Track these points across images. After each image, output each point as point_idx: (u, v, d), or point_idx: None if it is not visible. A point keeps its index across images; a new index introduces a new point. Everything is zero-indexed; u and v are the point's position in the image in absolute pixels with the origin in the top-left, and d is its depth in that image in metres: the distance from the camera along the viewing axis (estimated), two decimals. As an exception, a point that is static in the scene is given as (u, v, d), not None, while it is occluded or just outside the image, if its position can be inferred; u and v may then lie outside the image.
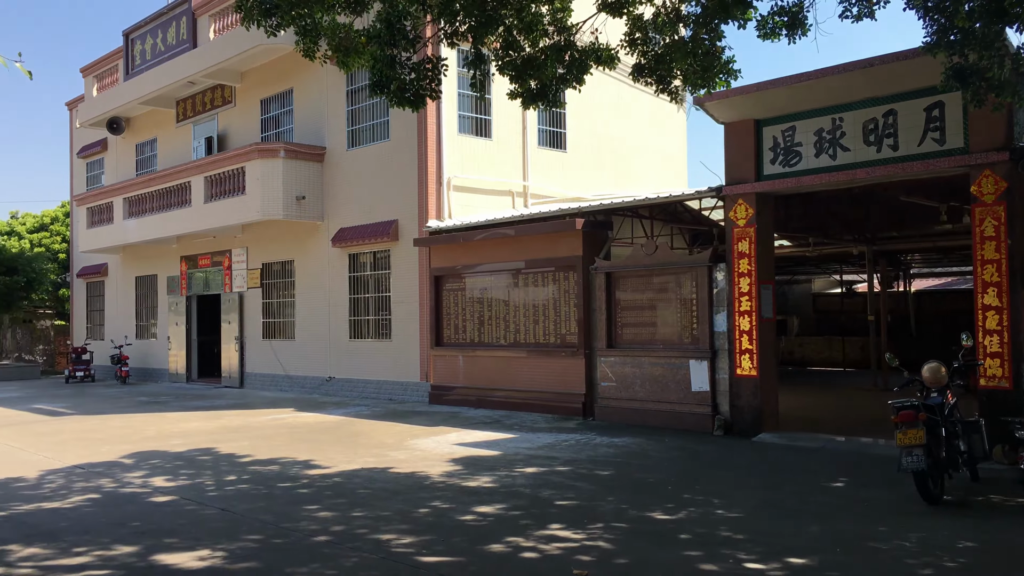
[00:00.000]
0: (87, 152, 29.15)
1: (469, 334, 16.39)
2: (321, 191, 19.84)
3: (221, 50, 20.78)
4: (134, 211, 23.94)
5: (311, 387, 20.05)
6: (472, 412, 15.52)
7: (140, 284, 26.79)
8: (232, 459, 11.09)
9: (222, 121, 23.13)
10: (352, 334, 19.15)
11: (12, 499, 8.82)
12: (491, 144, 18.38)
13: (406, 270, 17.79)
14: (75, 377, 26.11)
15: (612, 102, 20.94)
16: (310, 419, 15.17)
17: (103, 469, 10.55)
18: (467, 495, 8.54)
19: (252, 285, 22.04)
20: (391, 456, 11.00)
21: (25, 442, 13.04)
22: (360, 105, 19.09)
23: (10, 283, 28.61)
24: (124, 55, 25.01)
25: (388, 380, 18.14)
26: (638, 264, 13.58)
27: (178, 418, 15.82)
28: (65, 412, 17.40)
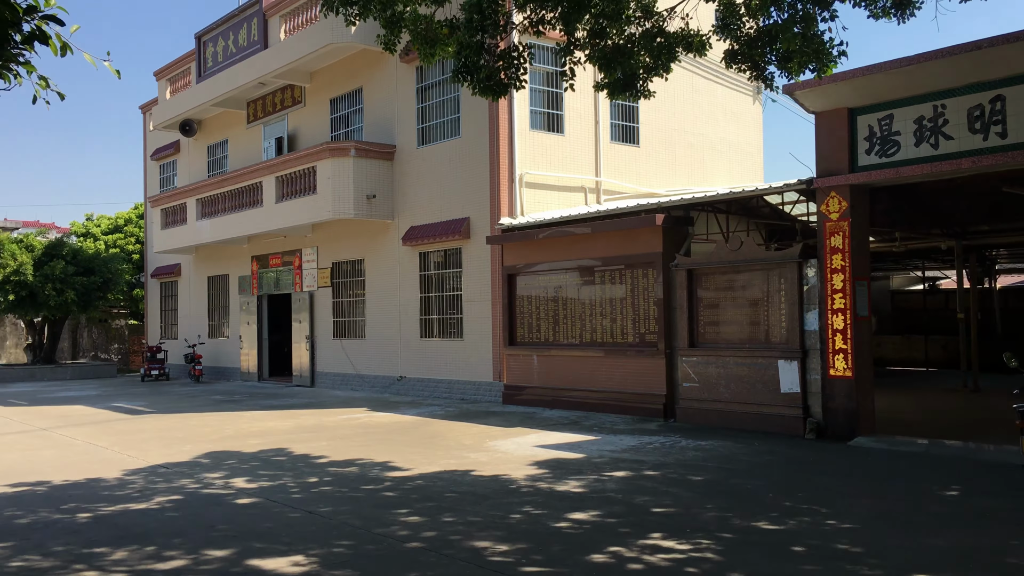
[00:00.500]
0: (160, 154, 29.65)
1: (543, 333, 16.08)
2: (391, 189, 19.74)
3: (292, 50, 20.83)
4: (207, 212, 24.21)
5: (382, 386, 19.98)
6: (548, 413, 15.20)
7: (212, 284, 27.13)
8: (310, 460, 10.96)
9: (292, 121, 23.23)
10: (423, 333, 19.00)
11: (98, 499, 8.79)
12: (563, 140, 18.03)
13: (478, 268, 17.56)
14: (151, 376, 26.56)
15: (686, 94, 20.41)
16: (384, 419, 15.03)
17: (184, 469, 10.51)
18: (557, 500, 8.22)
19: (322, 284, 22.08)
20: (472, 458, 10.75)
21: (107, 440, 13.14)
22: (430, 102, 18.92)
23: (88, 283, 29.22)
24: (196, 58, 25.32)
25: (460, 380, 17.94)
26: (722, 260, 13.10)
27: (254, 417, 15.84)
28: (143, 410, 17.60)
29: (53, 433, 14.23)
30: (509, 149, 17.08)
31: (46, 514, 8.11)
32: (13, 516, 8.03)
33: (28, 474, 10.32)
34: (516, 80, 8.45)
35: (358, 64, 20.56)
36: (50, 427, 15.02)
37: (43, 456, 11.74)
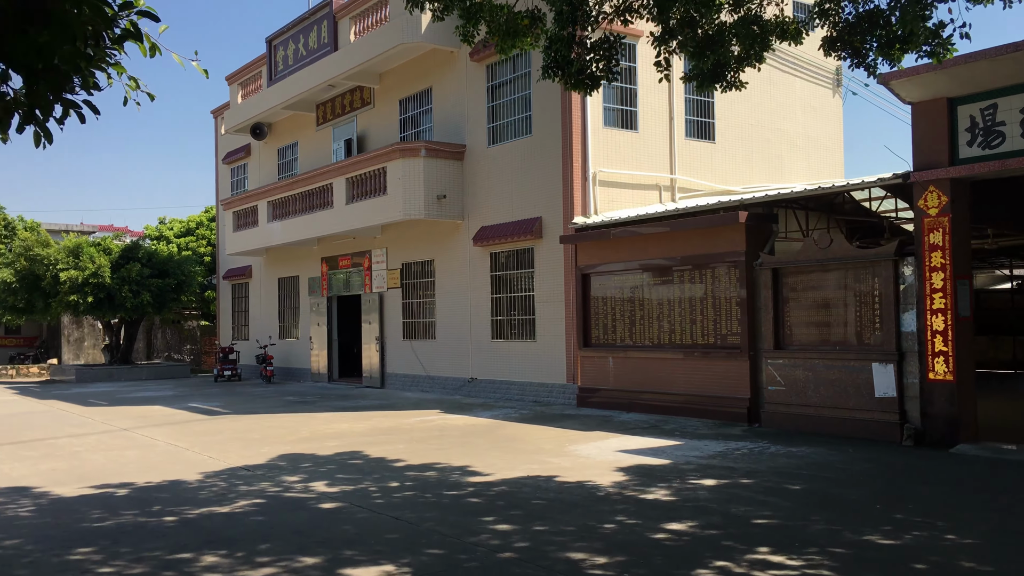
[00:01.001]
0: (231, 158, 30.07)
1: (619, 334, 15.72)
2: (461, 189, 19.59)
3: (361, 52, 20.85)
4: (278, 214, 24.42)
5: (452, 388, 19.83)
6: (625, 416, 14.84)
7: (283, 285, 27.39)
8: (388, 463, 10.81)
9: (361, 123, 23.27)
10: (494, 334, 18.79)
11: (182, 502, 8.75)
12: (637, 137, 17.64)
13: (550, 268, 17.28)
14: (223, 376, 26.92)
15: (763, 88, 19.81)
16: (458, 421, 14.85)
17: (263, 471, 10.45)
18: (650, 509, 7.89)
19: (392, 285, 22.05)
20: (553, 463, 10.47)
21: (187, 441, 13.21)
22: (501, 101, 18.71)
23: (162, 285, 29.81)
24: (267, 61, 25.58)
25: (532, 382, 17.68)
26: (810, 259, 12.57)
27: (328, 419, 15.81)
28: (219, 411, 17.75)
29: (134, 434, 14.39)
30: (582, 147, 16.77)
31: (133, 517, 8.09)
32: (102, 519, 8.02)
33: (113, 475, 10.38)
34: (609, 73, 8.14)
35: (427, 64, 20.46)
36: (131, 427, 15.21)
37: (127, 457, 11.83)
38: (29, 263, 28.80)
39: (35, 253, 28.79)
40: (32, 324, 39.58)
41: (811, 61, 20.45)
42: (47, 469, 10.98)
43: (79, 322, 37.95)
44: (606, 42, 8.07)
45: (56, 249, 29.18)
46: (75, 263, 28.43)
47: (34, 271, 28.73)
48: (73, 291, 28.13)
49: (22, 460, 11.75)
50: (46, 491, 9.48)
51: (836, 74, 21.36)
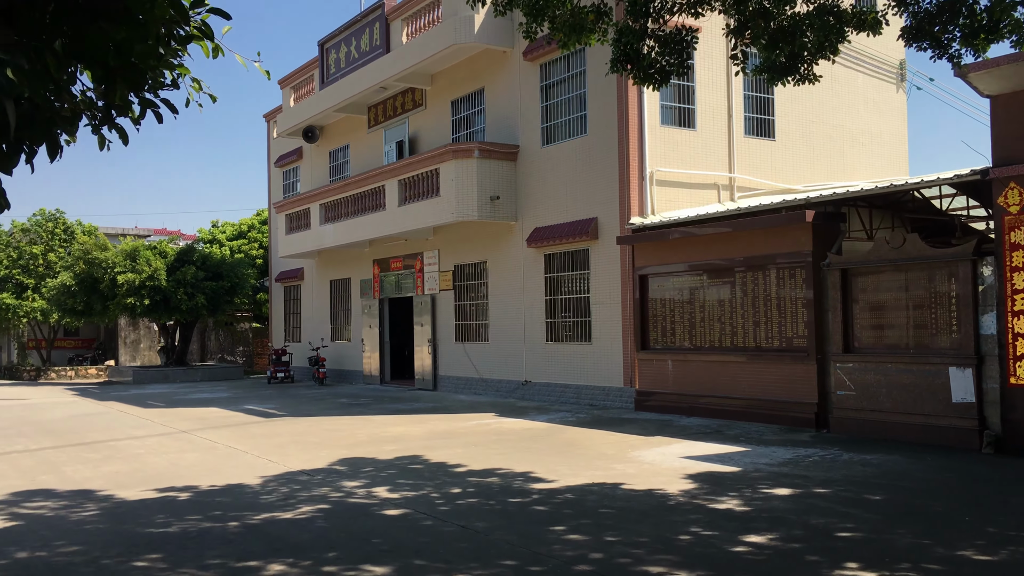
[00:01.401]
0: (283, 161, 30.29)
1: (679, 337, 15.38)
2: (515, 190, 19.41)
3: (413, 53, 20.78)
4: (330, 216, 24.49)
5: (506, 391, 19.64)
6: (685, 420, 14.50)
7: (334, 287, 27.48)
8: (449, 468, 10.64)
9: (413, 124, 23.23)
10: (549, 337, 18.56)
11: (244, 507, 8.67)
12: (695, 135, 17.28)
13: (607, 270, 17.00)
14: (276, 378, 27.09)
15: (824, 84, 19.19)
16: (515, 425, 14.64)
17: (324, 476, 10.35)
18: (725, 520, 7.59)
19: (444, 287, 21.95)
20: (618, 469, 10.20)
21: (246, 444, 13.20)
22: (555, 100, 18.48)
23: (216, 288, 30.14)
24: (319, 65, 25.69)
25: (588, 385, 17.41)
26: (881, 259, 12.12)
27: (383, 422, 15.72)
28: (275, 413, 17.79)
29: (193, 436, 14.45)
30: (639, 146, 16.46)
31: (196, 522, 8.02)
32: (166, 524, 7.96)
33: (175, 479, 10.36)
34: (680, 67, 7.87)
35: (480, 64, 20.32)
36: (190, 430, 15.28)
37: (187, 460, 11.84)
38: (88, 266, 29.33)
39: (93, 256, 29.32)
40: (90, 326, 40.39)
41: (874, 55, 19.87)
42: (110, 471, 11.02)
43: (135, 324, 38.59)
44: (677, 35, 7.80)
45: (113, 252, 29.68)
46: (132, 266, 28.88)
47: (92, 274, 29.25)
48: (130, 294, 28.57)
49: (85, 462, 11.83)
50: (109, 494, 9.49)
51: (900, 68, 20.73)
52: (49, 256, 36.22)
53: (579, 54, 17.59)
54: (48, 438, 14.66)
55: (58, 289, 30.26)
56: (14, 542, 7.40)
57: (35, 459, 12.27)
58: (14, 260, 35.99)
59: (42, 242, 36.63)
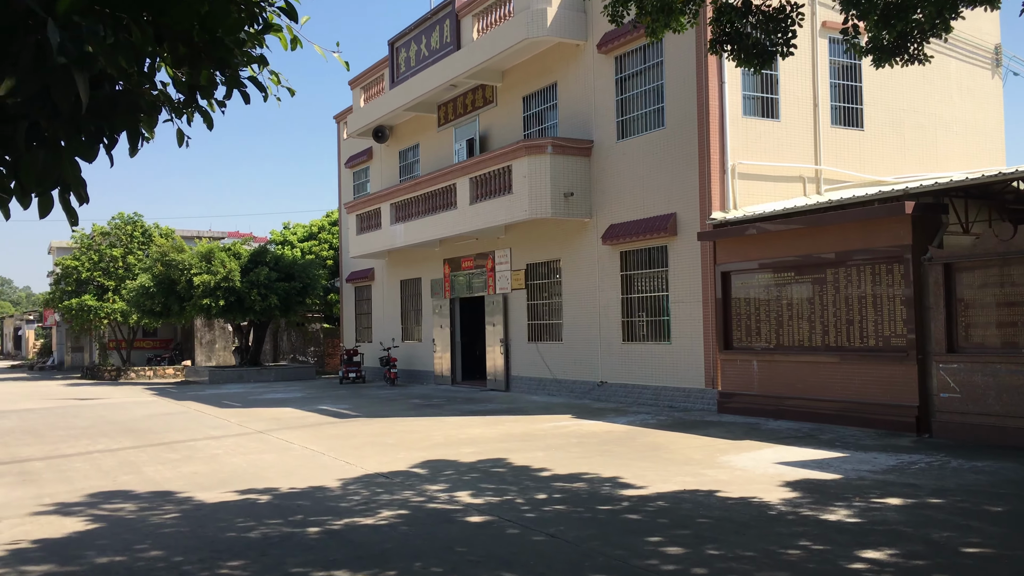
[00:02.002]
0: (354, 162, 30.37)
1: (764, 336, 14.73)
2: (589, 186, 18.95)
3: (484, 49, 20.50)
4: (400, 216, 24.38)
5: (581, 392, 19.20)
6: (773, 424, 13.86)
7: (405, 287, 27.40)
8: (531, 472, 10.26)
9: (483, 122, 22.95)
10: (625, 336, 18.06)
11: (324, 511, 8.44)
12: (778, 125, 16.58)
13: (686, 267, 16.42)
14: (348, 378, 27.12)
15: (915, 70, 18.30)
16: (595, 427, 14.20)
17: (403, 479, 10.08)
18: (834, 532, 7.03)
19: (516, 286, 21.61)
20: (709, 476, 9.69)
21: (323, 445, 13.05)
22: (631, 93, 17.97)
23: (289, 288, 30.37)
24: (389, 64, 25.63)
25: (667, 386, 16.85)
26: (988, 252, 11.34)
27: (458, 423, 15.44)
28: (349, 414, 17.67)
29: (270, 436, 14.37)
30: (720, 138, 15.85)
31: (277, 526, 7.80)
32: (246, 528, 7.76)
33: (254, 480, 10.22)
34: (786, 46, 7.35)
35: (552, 58, 19.93)
36: (266, 430, 15.24)
37: (265, 461, 11.72)
38: (165, 268, 29.85)
39: (171, 258, 29.83)
40: (167, 327, 41.27)
41: (968, 39, 18.84)
42: (189, 472, 10.95)
43: (210, 325, 39.26)
44: (782, 12, 7.28)
45: (190, 254, 30.16)
46: (207, 267, 29.28)
47: (170, 276, 29.76)
48: (206, 295, 28.96)
49: (165, 463, 11.80)
50: (189, 496, 9.37)
51: (995, 53, 19.64)
52: (128, 258, 37.07)
53: (656, 45, 17.06)
54: (129, 438, 14.77)
55: (137, 291, 30.88)
56: (95, 546, 7.28)
57: (116, 459, 12.31)
58: (95, 263, 36.92)
59: (121, 245, 37.50)
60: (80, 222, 3.87)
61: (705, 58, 15.77)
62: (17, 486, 10.30)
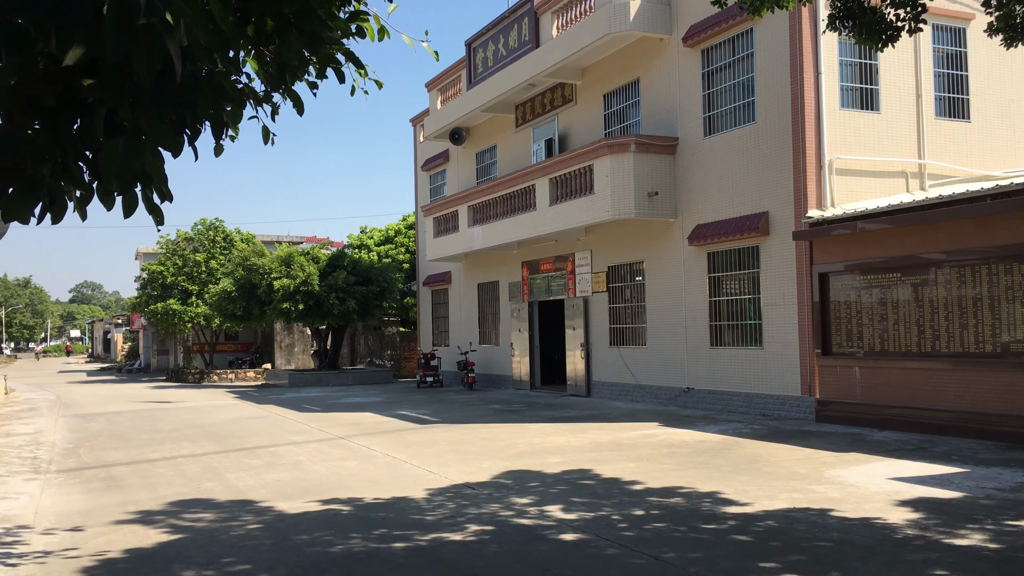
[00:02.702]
0: (430, 165, 30.23)
1: (867, 341, 13.87)
2: (673, 185, 18.28)
3: (564, 46, 20.01)
4: (478, 218, 24.08)
5: (665, 398, 18.53)
6: (879, 435, 13.00)
7: (482, 291, 27.09)
8: (623, 486, 9.72)
9: (562, 121, 22.47)
10: (713, 341, 17.33)
11: (409, 524, 8.06)
12: (878, 118, 15.66)
13: (779, 268, 15.63)
14: (425, 383, 26.93)
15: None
16: (684, 437, 13.56)
17: (489, 490, 9.65)
18: (974, 561, 6.32)
19: (597, 289, 21.04)
20: (818, 492, 8.99)
21: (404, 453, 12.74)
22: (718, 87, 17.25)
23: (366, 292, 30.39)
24: (466, 64, 25.37)
25: (759, 393, 16.07)
26: None
27: (541, 430, 14.98)
28: (429, 419, 17.38)
29: (350, 442, 14.15)
30: (816, 132, 15.04)
31: (362, 541, 7.45)
32: (331, 543, 7.43)
33: (336, 489, 9.93)
34: (914, 21, 6.68)
35: (635, 54, 19.33)
36: (346, 436, 15.03)
37: (347, 469, 11.45)
38: (246, 272, 30.20)
39: (252, 263, 30.16)
40: (248, 331, 41.88)
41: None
42: (271, 480, 10.74)
43: (290, 328, 39.70)
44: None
45: (270, 259, 30.45)
46: (287, 272, 29.50)
47: (251, 280, 30.09)
48: (285, 299, 29.18)
49: (247, 469, 11.64)
50: (271, 505, 9.12)
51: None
52: (211, 263, 37.74)
53: (746, 35, 16.34)
54: (212, 442, 14.74)
55: (219, 295, 31.33)
56: (179, 557, 7.04)
57: (200, 464, 12.21)
58: (179, 267, 37.70)
59: (204, 250, 38.21)
60: (165, 224, 3.48)
61: (800, 48, 14.99)
62: (103, 492, 10.24)
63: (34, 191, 3.58)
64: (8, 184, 3.52)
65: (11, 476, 11.53)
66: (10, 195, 3.49)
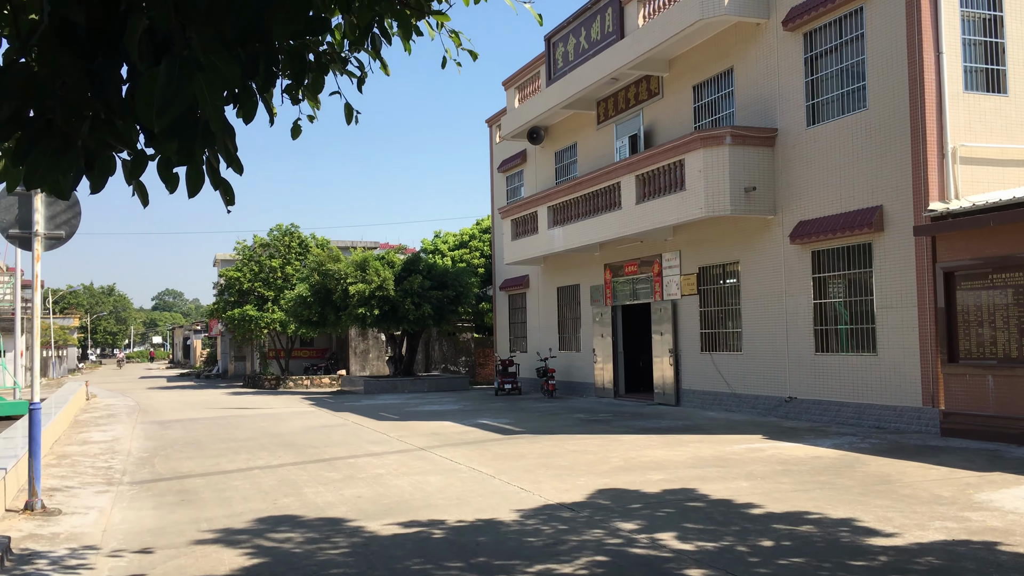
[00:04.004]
0: (507, 166, 29.44)
1: (1001, 347, 12.45)
2: (772, 180, 17.05)
3: (652, 36, 18.94)
4: (558, 219, 23.17)
5: (764, 408, 17.27)
6: (1018, 451, 11.59)
7: (562, 295, 26.14)
8: (739, 509, 8.64)
9: (647, 116, 21.40)
10: (818, 347, 16.02)
11: (508, 553, 7.15)
12: (1006, 101, 14.21)
13: (896, 267, 14.30)
14: (503, 390, 26.11)
15: None
16: (796, 452, 12.35)
17: (589, 512, 8.69)
18: None
19: (687, 292, 19.88)
20: (975, 521, 7.76)
21: (490, 467, 11.85)
22: (823, 73, 15.97)
23: (442, 297, 29.76)
24: (546, 60, 24.51)
25: (873, 403, 14.72)
26: None
27: (634, 443, 13.93)
28: (512, 429, 16.49)
29: (432, 454, 13.34)
30: (938, 117, 13.68)
31: (459, 571, 6.58)
32: (424, 572, 6.57)
33: (423, 508, 9.09)
34: None
35: (728, 41, 18.17)
36: (427, 446, 14.24)
37: (431, 484, 10.61)
38: (322, 278, 29.87)
39: (327, 268, 29.82)
40: (323, 337, 41.78)
41: None
42: (352, 496, 9.97)
43: (364, 334, 39.40)
44: None
45: (345, 264, 30.06)
46: (362, 276, 29.06)
47: (326, 285, 29.75)
48: (361, 304, 28.73)
49: (326, 483, 10.91)
50: (356, 526, 8.33)
51: None
52: (286, 269, 37.67)
53: (855, 15, 15.06)
54: (289, 452, 14.11)
55: (295, 300, 31.08)
56: (256, 590, 6.27)
57: (276, 477, 11.54)
58: (255, 273, 37.73)
59: (280, 256, 38.18)
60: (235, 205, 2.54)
61: (918, 26, 13.66)
62: (176, 507, 9.61)
63: (66, 152, 2.78)
64: (33, 141, 2.72)
65: (83, 488, 11.03)
66: (34, 155, 2.69)
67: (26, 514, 9.20)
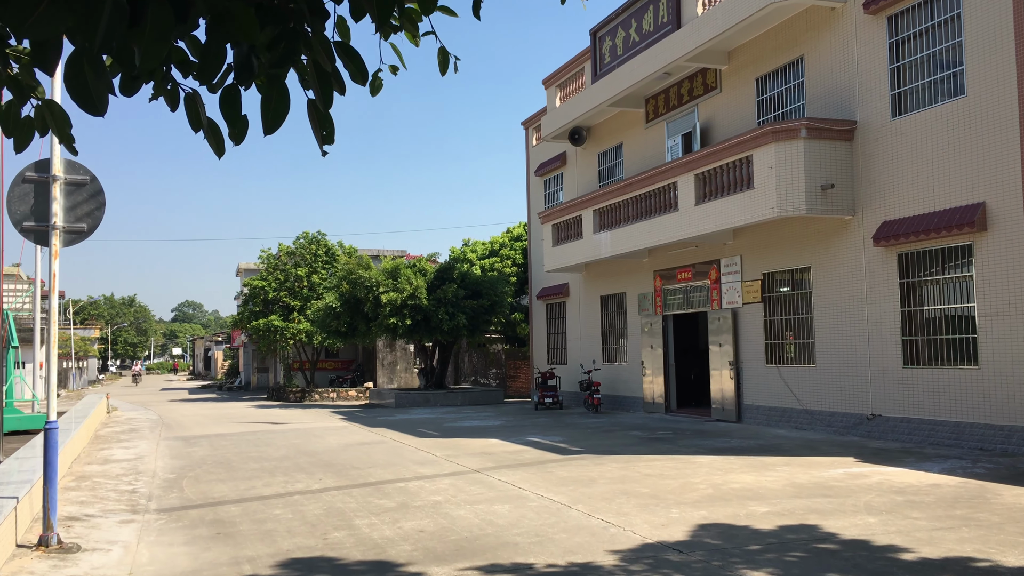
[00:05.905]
0: (544, 169, 28.14)
1: None
2: (851, 176, 15.64)
3: (713, 24, 17.60)
4: (605, 223, 21.82)
5: (841, 426, 15.81)
6: None
7: (605, 303, 24.77)
8: (884, 554, 7.22)
9: (703, 113, 20.04)
10: (907, 359, 14.56)
11: (626, 610, 5.77)
12: None
13: (1001, 270, 12.85)
14: (543, 404, 24.75)
15: None
16: (907, 479, 10.89)
17: (702, 556, 7.29)
18: None
19: (750, 300, 18.46)
20: None
21: (561, 494, 10.47)
22: (910, 59, 14.58)
23: (476, 307, 28.46)
24: (591, 55, 23.22)
25: (974, 422, 13.25)
26: None
27: (712, 465, 12.51)
28: (568, 448, 15.11)
29: (489, 478, 11.98)
30: (1053, 102, 12.25)
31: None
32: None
33: (498, 547, 7.73)
34: None
35: (798, 28, 16.81)
36: (481, 468, 12.88)
37: (500, 515, 9.25)
38: (351, 286, 28.64)
39: (357, 276, 28.59)
40: (349, 348, 40.56)
41: None
42: (411, 529, 8.63)
43: (392, 346, 38.14)
44: None
45: (376, 272, 28.83)
46: (394, 285, 27.82)
47: (356, 294, 28.53)
48: (392, 313, 27.49)
49: (378, 513, 9.57)
50: (423, 570, 6.98)
51: None
52: (313, 278, 36.49)
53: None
54: (329, 474, 12.80)
55: (323, 310, 29.88)
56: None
57: (321, 505, 10.22)
58: (281, 283, 36.58)
59: (306, 264, 37.01)
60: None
61: (1030, 1, 12.25)
62: (211, 543, 8.30)
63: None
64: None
65: (104, 517, 9.76)
66: None
67: (40, 550, 7.94)
